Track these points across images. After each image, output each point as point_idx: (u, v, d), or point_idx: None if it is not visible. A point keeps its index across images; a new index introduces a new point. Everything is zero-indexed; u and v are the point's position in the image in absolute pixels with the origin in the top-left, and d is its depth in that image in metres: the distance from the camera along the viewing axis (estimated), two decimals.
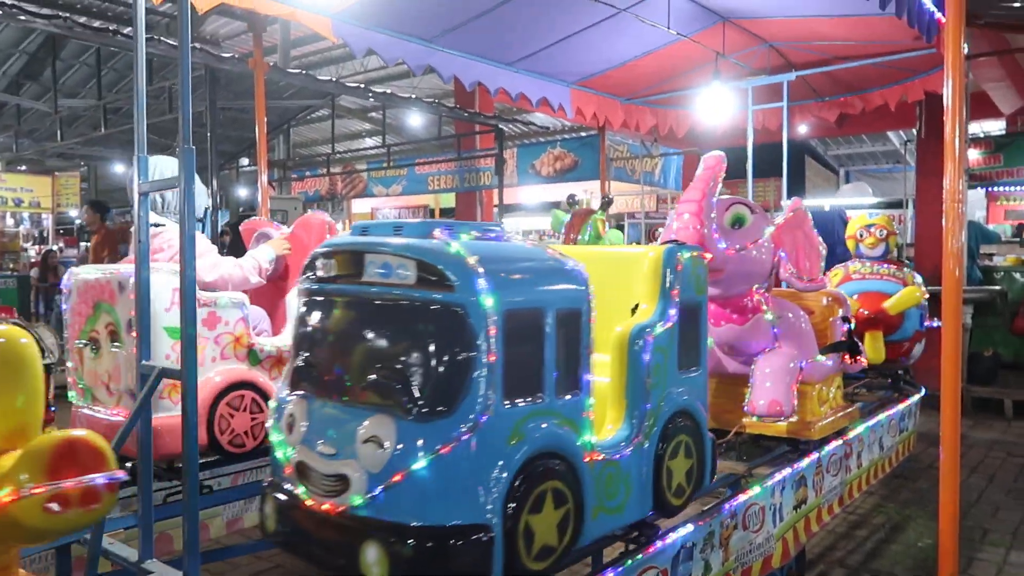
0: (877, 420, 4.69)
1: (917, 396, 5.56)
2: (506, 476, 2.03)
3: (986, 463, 6.21)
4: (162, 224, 3.48)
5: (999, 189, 12.01)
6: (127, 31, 7.81)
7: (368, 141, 20.69)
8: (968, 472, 5.90)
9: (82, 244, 16.58)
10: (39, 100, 12.88)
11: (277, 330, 3.84)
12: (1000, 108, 10.95)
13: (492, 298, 2.02)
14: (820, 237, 3.87)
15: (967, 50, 5.94)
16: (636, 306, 2.75)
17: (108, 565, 2.67)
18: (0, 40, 11.96)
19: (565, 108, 7.05)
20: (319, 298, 2.30)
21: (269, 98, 7.46)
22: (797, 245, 3.70)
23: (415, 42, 5.49)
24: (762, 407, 3.54)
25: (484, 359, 2.00)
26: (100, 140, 12.68)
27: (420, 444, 1.95)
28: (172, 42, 7.23)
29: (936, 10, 4.45)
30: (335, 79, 11.16)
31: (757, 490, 3.30)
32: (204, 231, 7.47)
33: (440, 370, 1.98)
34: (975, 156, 9.89)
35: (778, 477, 3.47)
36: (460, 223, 2.26)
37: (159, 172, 3.25)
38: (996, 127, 12.57)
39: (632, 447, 2.50)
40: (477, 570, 1.99)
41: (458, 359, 1.99)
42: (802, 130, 10.05)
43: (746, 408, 3.61)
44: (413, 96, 11.49)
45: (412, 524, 1.95)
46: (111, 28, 7.80)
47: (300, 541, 2.22)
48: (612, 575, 2.44)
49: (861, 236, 5.74)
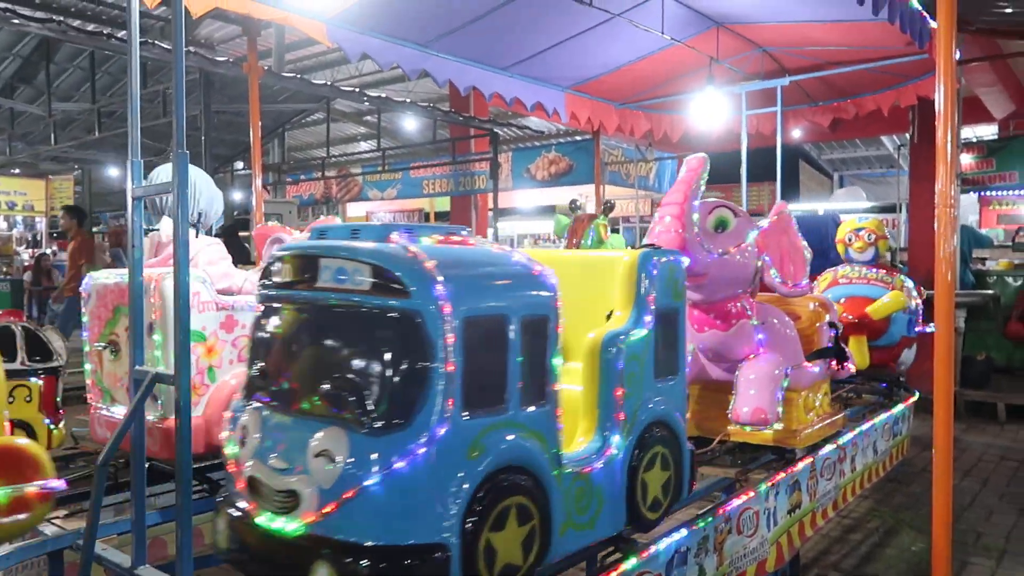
0: (871, 424, 4.70)
1: (911, 400, 5.58)
2: (465, 492, 1.94)
3: (979, 467, 6.23)
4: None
5: (992, 193, 12.06)
6: (121, 35, 7.79)
7: (363, 145, 20.65)
8: (961, 476, 5.92)
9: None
10: (33, 104, 12.82)
11: None
12: (992, 113, 11.01)
13: (450, 305, 1.93)
14: (815, 241, 3.84)
15: (959, 55, 5.98)
16: (611, 312, 2.67)
17: (101, 571, 2.65)
18: None
19: (560, 112, 7.06)
20: (274, 304, 2.21)
21: (264, 102, 7.45)
22: (782, 249, 3.64)
23: (410, 47, 5.49)
24: (746, 415, 3.48)
25: (442, 369, 1.91)
26: (94, 144, 12.64)
27: (374, 459, 1.86)
28: (166, 46, 7.21)
29: (928, 16, 4.47)
30: (330, 83, 11.15)
31: (751, 494, 3.29)
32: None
33: (395, 381, 1.90)
34: (968, 160, 9.93)
35: (772, 481, 3.46)
36: (421, 226, 2.17)
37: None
38: (989, 131, 12.62)
39: (604, 459, 2.41)
40: None
41: (414, 369, 1.90)
42: (796, 134, 10.07)
43: (730, 415, 3.55)
44: (408, 100, 11.48)
45: (365, 543, 1.87)
46: (105, 32, 7.76)
47: (252, 560, 2.16)
48: None
49: (850, 240, 5.71)
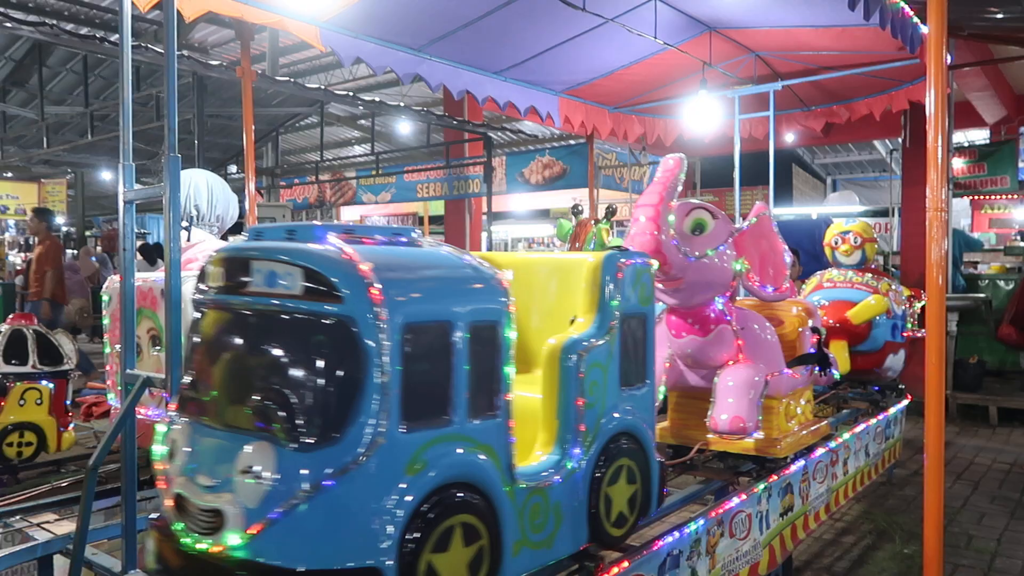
0: (864, 427, 4.71)
1: (903, 404, 5.59)
2: (404, 511, 1.80)
3: (971, 470, 6.26)
4: (199, 238, 3.58)
5: (983, 198, 12.12)
6: (114, 38, 7.78)
7: (357, 148, 20.64)
8: (953, 479, 5.94)
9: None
10: (25, 107, 12.82)
11: None
12: (984, 117, 11.08)
13: (388, 311, 1.80)
14: (809, 245, 3.81)
15: (950, 60, 6.01)
16: (575, 318, 2.56)
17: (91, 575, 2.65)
18: None
19: (553, 117, 7.07)
20: (206, 310, 2.06)
21: (257, 106, 7.45)
22: (761, 253, 3.54)
23: (403, 51, 5.50)
24: (724, 423, 3.32)
25: (378, 379, 1.78)
26: (87, 147, 12.63)
27: (303, 475, 1.73)
28: (159, 49, 7.20)
29: (919, 21, 4.50)
30: (324, 87, 11.15)
31: (744, 497, 3.30)
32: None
33: (327, 391, 1.77)
34: (959, 165, 9.98)
35: (764, 484, 3.47)
36: (363, 226, 2.04)
37: (191, 184, 3.38)
38: (980, 136, 12.69)
39: (563, 473, 2.28)
40: None
41: (348, 379, 1.77)
42: (789, 139, 10.13)
43: (708, 424, 3.41)
44: (402, 104, 11.49)
45: (293, 567, 1.73)
46: (98, 35, 7.78)
47: None
48: None
49: (836, 244, 5.66)
